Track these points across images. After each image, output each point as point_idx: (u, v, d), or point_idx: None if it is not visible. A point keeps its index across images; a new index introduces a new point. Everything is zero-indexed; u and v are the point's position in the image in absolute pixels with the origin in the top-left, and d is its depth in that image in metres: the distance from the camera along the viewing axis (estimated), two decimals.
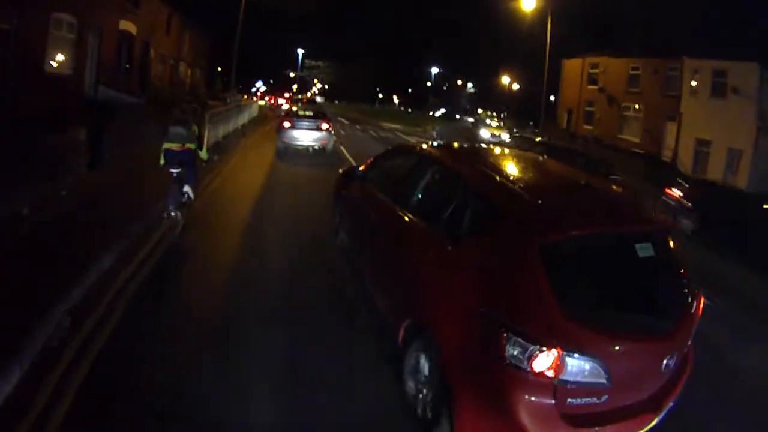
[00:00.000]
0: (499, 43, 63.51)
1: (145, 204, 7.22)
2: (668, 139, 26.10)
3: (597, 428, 2.74)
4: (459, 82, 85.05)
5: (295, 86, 77.35)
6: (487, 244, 3.12)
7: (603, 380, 2.66)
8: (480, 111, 79.82)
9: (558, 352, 2.56)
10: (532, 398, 2.61)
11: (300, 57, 74.39)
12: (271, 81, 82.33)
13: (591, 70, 30.80)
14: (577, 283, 2.85)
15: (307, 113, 14.98)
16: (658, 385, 3.02)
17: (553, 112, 35.11)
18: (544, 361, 2.57)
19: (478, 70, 75.70)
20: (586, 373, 2.63)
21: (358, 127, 34.11)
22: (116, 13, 18.02)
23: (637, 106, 27.84)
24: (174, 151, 6.55)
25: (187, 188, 6.83)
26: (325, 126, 14.50)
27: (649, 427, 2.97)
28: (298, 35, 72.87)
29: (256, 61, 76.64)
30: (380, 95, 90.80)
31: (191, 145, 6.70)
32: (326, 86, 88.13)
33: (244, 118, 21.68)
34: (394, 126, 38.46)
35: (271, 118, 28.64)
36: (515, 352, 2.63)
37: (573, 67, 32.51)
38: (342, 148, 17.63)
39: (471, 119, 53.98)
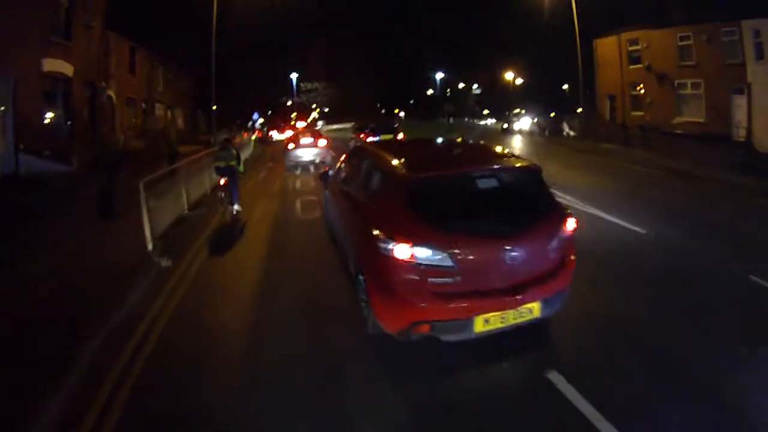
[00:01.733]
0: (502, 37, 59.15)
1: None
2: (738, 114, 21.41)
3: (456, 301, 3.93)
4: (461, 85, 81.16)
5: (294, 114, 73.60)
6: (380, 194, 4.83)
7: (451, 264, 3.94)
8: (486, 111, 76.24)
9: (410, 244, 3.94)
10: (404, 276, 3.98)
11: (294, 82, 70.56)
12: (270, 112, 78.72)
13: (630, 48, 26.06)
14: (429, 204, 4.18)
15: (307, 135, 17.98)
16: (514, 276, 4.04)
17: (591, 100, 30.25)
18: (402, 251, 3.96)
19: (480, 69, 72.26)
20: (436, 259, 3.94)
21: None
22: (36, 49, 13.64)
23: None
24: (221, 167, 9.58)
25: (236, 207, 9.51)
26: (322, 143, 17.13)
27: (526, 314, 4.07)
28: (291, 60, 68.79)
29: (251, 93, 73.24)
30: (383, 111, 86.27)
31: (233, 163, 9.58)
32: (326, 109, 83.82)
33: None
34: None
35: (269, 157, 23.20)
36: (385, 246, 4.06)
37: (607, 46, 27.80)
38: None
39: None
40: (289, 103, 75.42)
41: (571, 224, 4.40)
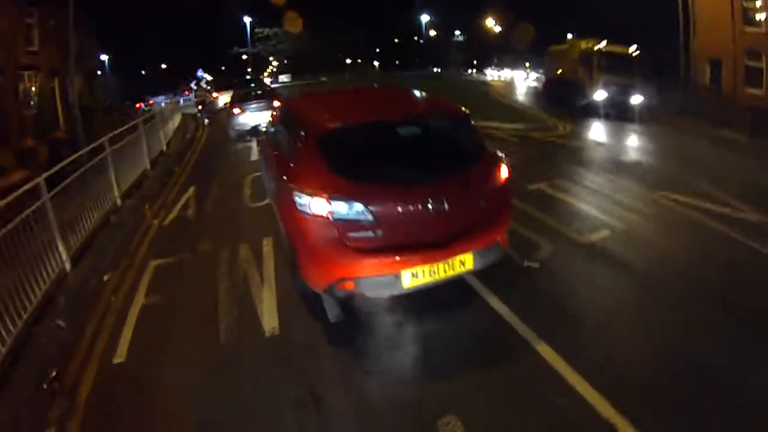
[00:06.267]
0: None
1: None
2: None
3: (378, 256, 3.67)
4: (433, 33, 72.38)
5: (249, 69, 61.63)
6: (294, 146, 4.44)
7: (369, 217, 3.67)
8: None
9: (326, 198, 3.67)
10: (322, 232, 3.72)
11: (248, 28, 58.43)
12: (223, 68, 66.11)
13: (746, 3, 17.84)
14: (345, 154, 3.89)
15: (255, 92, 16.00)
16: (439, 229, 3.78)
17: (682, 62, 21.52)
18: (318, 205, 3.70)
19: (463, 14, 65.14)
20: (354, 212, 3.66)
21: None
22: None
23: None
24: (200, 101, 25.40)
25: (206, 120, 21.16)
26: (276, 104, 13.97)
27: (458, 267, 3.84)
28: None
29: (195, 44, 60.49)
30: (348, 60, 74.37)
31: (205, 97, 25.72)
32: (285, 61, 70.96)
33: None
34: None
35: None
36: (301, 201, 3.82)
37: None
38: None
39: None
40: (244, 56, 62.66)
41: (504, 172, 4.23)
